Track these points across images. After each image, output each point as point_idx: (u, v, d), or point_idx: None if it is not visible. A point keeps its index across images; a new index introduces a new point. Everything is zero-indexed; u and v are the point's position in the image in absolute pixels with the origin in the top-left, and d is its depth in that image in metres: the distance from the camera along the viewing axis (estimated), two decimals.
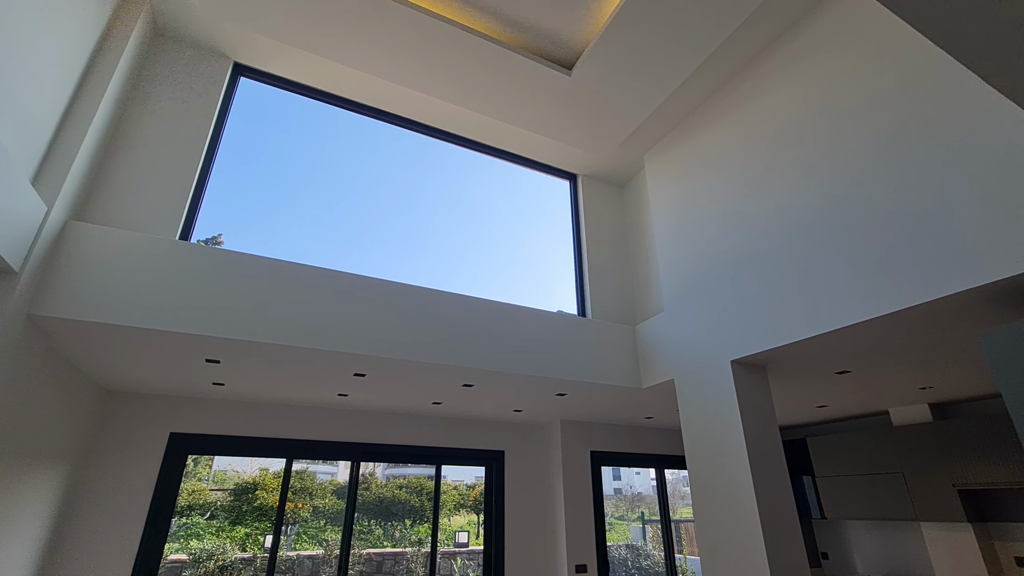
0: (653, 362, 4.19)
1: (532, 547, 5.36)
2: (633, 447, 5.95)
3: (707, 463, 3.46)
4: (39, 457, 3.18)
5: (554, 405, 4.85)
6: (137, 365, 3.48)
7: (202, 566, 6.80)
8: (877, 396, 4.61)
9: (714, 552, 3.30)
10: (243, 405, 4.59)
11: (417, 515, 10.14)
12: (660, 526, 6.00)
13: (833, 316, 2.86)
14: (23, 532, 3.17)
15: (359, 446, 4.94)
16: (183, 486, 10.79)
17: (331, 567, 7.44)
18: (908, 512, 4.77)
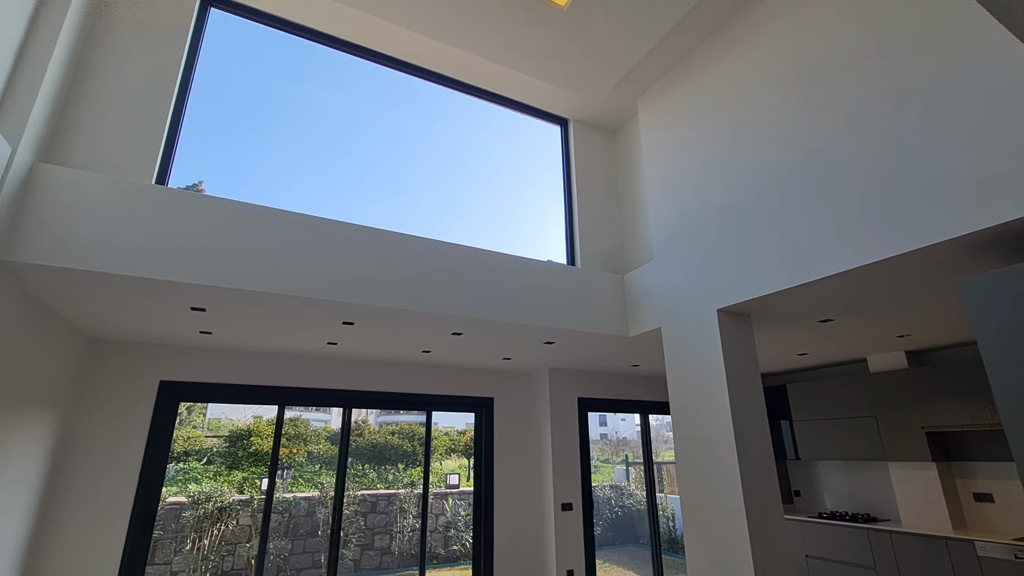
0: (641, 311, 4.23)
1: (520, 488, 5.59)
2: (619, 394, 6.12)
3: (690, 408, 3.57)
4: (25, 402, 3.18)
5: (542, 353, 4.92)
6: (120, 313, 3.43)
7: (201, 507, 7.03)
8: (856, 344, 4.73)
9: (694, 491, 3.46)
10: (233, 353, 4.60)
11: (409, 459, 10.50)
12: (643, 468, 6.26)
13: (818, 265, 2.88)
14: (20, 476, 3.21)
15: (350, 393, 5.01)
16: (178, 433, 11.06)
17: (327, 507, 7.75)
18: (877, 453, 5.02)
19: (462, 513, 8.41)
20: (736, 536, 3.10)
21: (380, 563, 7.80)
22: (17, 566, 3.36)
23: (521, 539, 5.41)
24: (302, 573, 7.28)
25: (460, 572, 7.45)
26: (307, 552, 7.45)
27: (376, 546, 7.87)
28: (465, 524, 8.26)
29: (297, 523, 7.54)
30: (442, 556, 8.04)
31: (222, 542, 7.04)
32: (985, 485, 4.59)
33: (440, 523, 8.31)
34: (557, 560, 5.10)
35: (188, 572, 6.76)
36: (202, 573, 6.79)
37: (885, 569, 4.65)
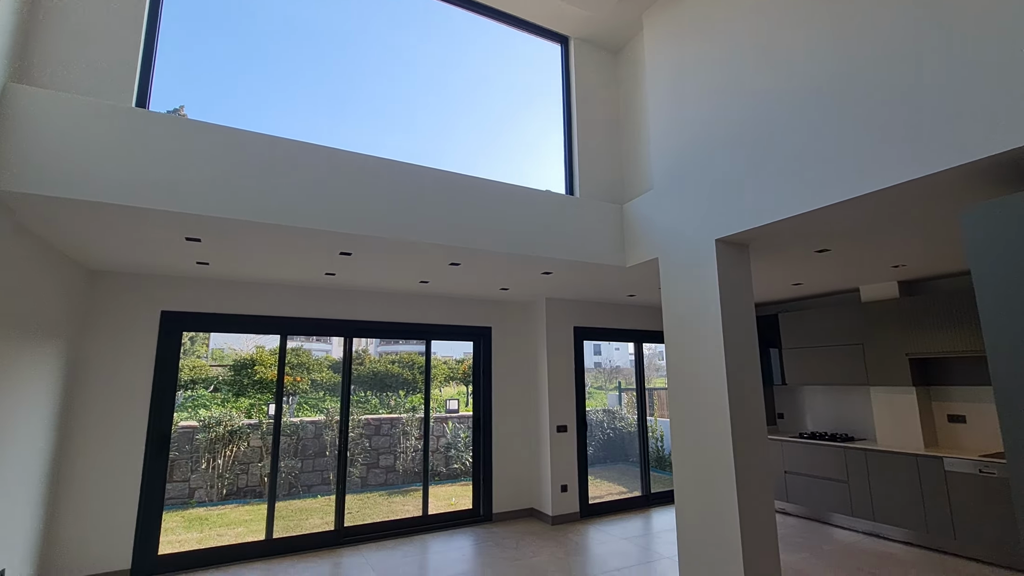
0: (639, 241, 4.21)
1: (517, 412, 5.84)
2: (614, 323, 6.24)
3: (684, 337, 3.66)
4: (31, 332, 3.22)
5: (540, 283, 4.96)
6: (115, 244, 3.39)
7: (212, 431, 7.37)
8: (851, 274, 4.77)
9: (683, 414, 3.62)
10: (234, 284, 4.61)
11: (410, 386, 10.89)
12: (635, 393, 6.52)
13: (820, 194, 2.84)
14: (37, 399, 3.32)
15: (351, 323, 5.09)
16: (184, 362, 11.35)
17: (332, 430, 8.13)
18: (861, 378, 5.22)
19: (461, 435, 8.85)
20: (721, 454, 3.29)
21: (385, 480, 8.31)
22: (45, 483, 3.56)
23: (518, 458, 5.74)
24: (312, 489, 7.77)
25: (461, 488, 7.96)
26: (316, 470, 7.90)
27: (381, 465, 8.35)
28: (464, 445, 8.72)
29: (305, 444, 7.94)
30: (444, 474, 8.56)
31: (235, 462, 7.44)
32: (959, 408, 4.83)
33: (441, 444, 8.77)
34: (552, 476, 5.44)
35: (206, 488, 7.20)
36: (219, 489, 7.23)
37: (857, 483, 4.99)
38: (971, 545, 4.22)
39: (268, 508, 4.60)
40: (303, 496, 7.54)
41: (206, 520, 6.29)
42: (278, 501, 7.11)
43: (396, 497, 7.54)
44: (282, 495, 7.42)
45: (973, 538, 4.20)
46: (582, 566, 4.21)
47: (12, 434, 3.09)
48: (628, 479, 8.11)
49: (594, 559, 4.37)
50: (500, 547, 4.69)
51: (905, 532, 4.65)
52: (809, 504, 5.41)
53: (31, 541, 3.46)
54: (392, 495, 7.69)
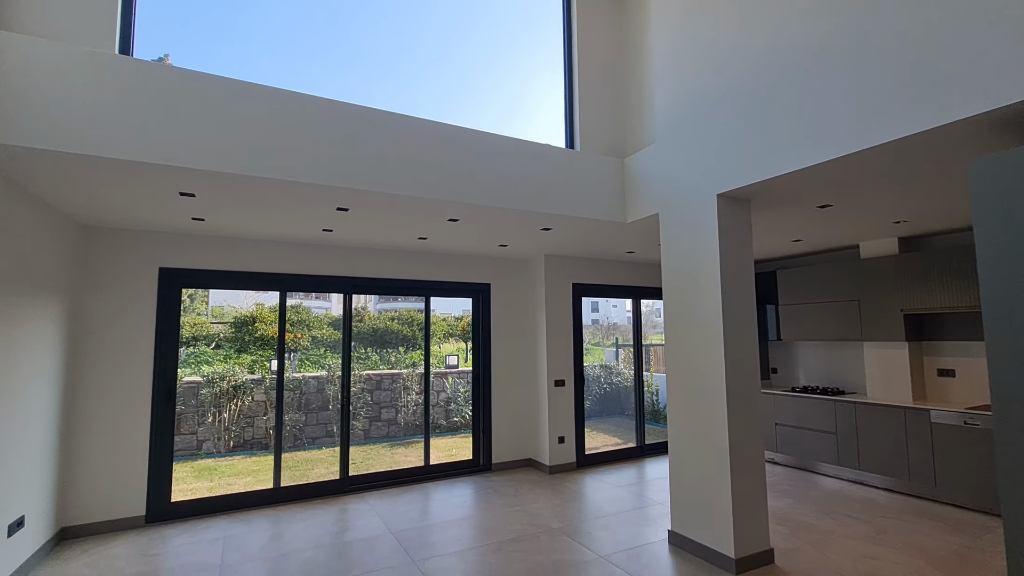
0: (639, 196, 4.16)
1: (516, 367, 5.94)
2: (613, 279, 6.26)
3: (683, 293, 3.67)
4: (27, 287, 3.22)
5: (539, 240, 4.93)
6: (106, 198, 3.34)
7: (216, 385, 7.51)
8: (851, 230, 4.75)
9: (680, 367, 3.68)
10: (232, 240, 4.58)
11: (409, 343, 11.04)
12: (632, 349, 6.62)
13: (824, 148, 2.78)
14: (40, 356, 3.36)
15: (350, 280, 5.09)
16: (184, 319, 11.44)
17: (334, 385, 8.29)
18: (855, 334, 5.29)
19: (461, 390, 9.04)
20: (715, 407, 3.38)
21: (387, 432, 8.55)
22: (57, 435, 3.66)
23: (517, 411, 5.89)
24: (317, 441, 8.00)
25: (461, 440, 8.20)
26: (320, 423, 8.11)
27: (383, 418, 8.57)
28: (464, 399, 8.93)
29: (308, 399, 8.12)
30: (444, 426, 8.80)
31: (240, 415, 7.62)
32: (949, 362, 4.93)
33: (441, 398, 8.97)
34: (550, 428, 5.60)
35: (213, 440, 7.41)
36: (226, 442, 7.44)
37: (845, 434, 5.16)
38: (951, 492, 4.41)
39: (275, 459, 4.75)
40: (308, 448, 7.78)
41: (215, 470, 6.51)
42: (284, 452, 7.33)
43: (398, 449, 7.79)
44: (288, 447, 7.65)
45: (953, 485, 4.38)
46: (578, 512, 4.40)
47: (21, 387, 3.14)
48: (623, 431, 8.36)
49: (590, 505, 4.56)
50: (499, 494, 4.88)
51: (888, 480, 4.84)
52: (797, 454, 5.61)
53: (48, 489, 3.58)
54: (394, 447, 7.94)
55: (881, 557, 3.44)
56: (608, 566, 3.35)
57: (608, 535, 3.87)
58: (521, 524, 4.10)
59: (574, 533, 3.91)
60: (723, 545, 3.28)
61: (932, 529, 3.91)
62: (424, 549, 3.64)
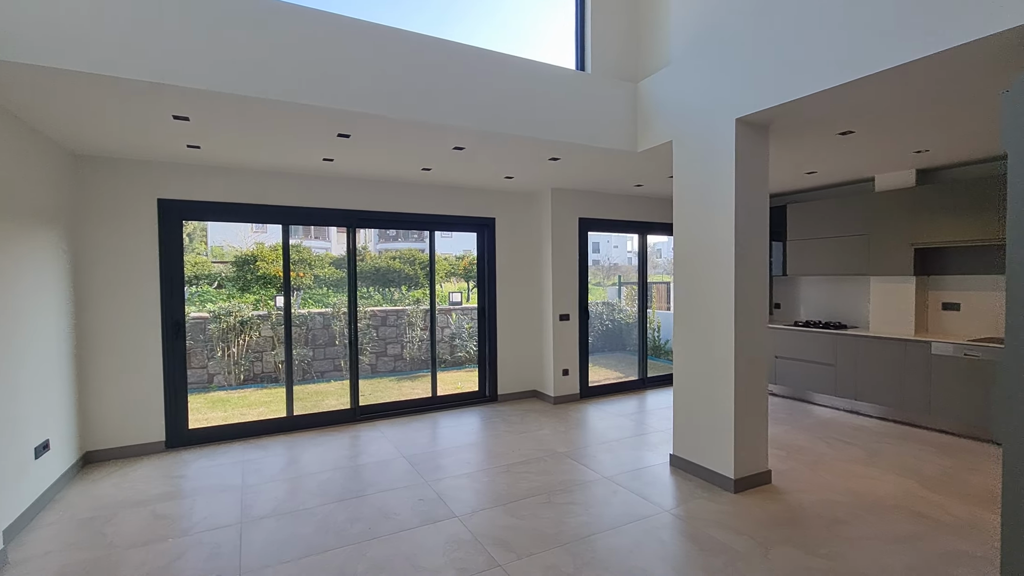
0: (652, 122, 3.99)
1: (520, 302, 5.97)
2: (620, 214, 6.15)
3: (694, 224, 3.60)
4: (21, 219, 3.15)
5: (546, 171, 4.79)
6: (96, 122, 3.19)
7: (223, 321, 7.58)
8: (870, 161, 4.60)
9: (688, 299, 3.68)
10: (232, 171, 4.44)
11: (411, 282, 11.08)
12: (637, 286, 6.62)
13: (851, 66, 2.62)
14: (45, 288, 3.34)
15: (353, 213, 5.00)
16: (186, 258, 11.39)
17: (340, 322, 8.38)
18: (862, 268, 5.27)
19: (465, 325, 9.15)
20: (722, 340, 3.40)
21: (394, 367, 8.74)
22: (71, 366, 3.72)
23: (521, 344, 5.97)
24: (326, 375, 8.20)
25: (466, 373, 8.40)
26: (328, 358, 8.27)
27: (389, 353, 8.74)
28: (469, 335, 9.06)
29: (315, 335, 8.23)
30: (449, 361, 8.99)
31: (248, 350, 7.76)
32: (954, 296, 4.93)
33: (446, 334, 9.10)
34: (554, 361, 5.70)
35: (224, 374, 7.58)
36: (236, 375, 7.62)
37: (844, 367, 5.26)
38: (944, 420, 4.55)
39: (287, 389, 4.87)
40: (317, 381, 7.98)
41: (228, 401, 6.71)
42: (295, 385, 7.55)
43: (405, 382, 7.99)
44: (297, 380, 7.84)
45: (946, 413, 4.51)
46: (582, 437, 4.56)
47: (30, 319, 3.15)
48: (625, 366, 8.54)
49: (593, 432, 4.73)
50: (506, 423, 5.04)
51: (882, 408, 4.99)
52: (794, 385, 5.75)
53: (69, 416, 3.69)
54: (401, 380, 8.14)
55: (872, 477, 3.60)
56: (612, 485, 3.51)
57: (611, 458, 4.03)
58: (528, 449, 4.26)
59: (579, 456, 4.07)
60: (723, 467, 3.41)
61: (923, 452, 4.07)
62: (436, 471, 3.80)
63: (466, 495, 3.38)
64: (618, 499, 3.30)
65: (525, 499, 3.30)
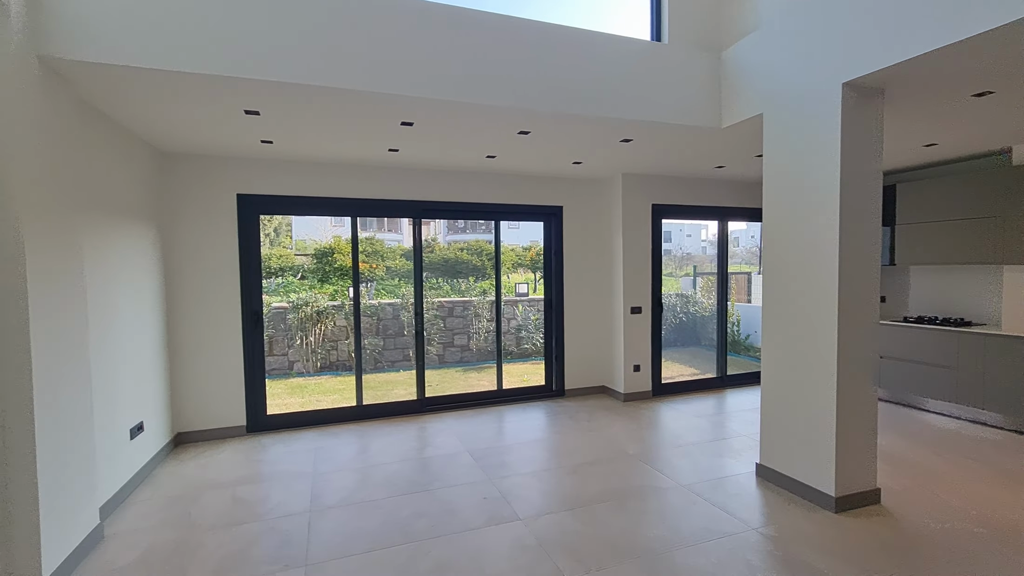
0: (739, 94, 3.58)
1: (589, 293, 5.71)
2: (696, 199, 5.71)
3: (789, 207, 3.19)
4: (120, 213, 3.35)
5: (617, 155, 4.49)
6: (177, 120, 3.32)
7: (301, 311, 7.94)
8: (1010, 128, 3.88)
9: (780, 292, 3.28)
10: (303, 165, 4.55)
11: (478, 273, 11.11)
12: (716, 276, 6.13)
13: (994, 9, 2.13)
14: (140, 279, 3.56)
15: (419, 203, 4.97)
16: (273, 251, 12.13)
17: (409, 312, 8.53)
18: (993, 256, 4.51)
19: (532, 317, 9.01)
20: (823, 337, 2.99)
21: (460, 358, 8.79)
22: (163, 353, 3.96)
23: (590, 338, 5.73)
24: (395, 364, 8.38)
25: (532, 366, 8.27)
26: (397, 348, 8.46)
27: (456, 344, 8.79)
28: (535, 326, 8.91)
29: (385, 324, 8.43)
30: (515, 353, 8.90)
31: (324, 339, 8.09)
32: None
33: (512, 326, 9.01)
34: (625, 356, 5.41)
35: (302, 361, 7.95)
36: (313, 363, 7.97)
37: (967, 369, 4.54)
38: None
39: (356, 379, 4.96)
40: (387, 370, 8.18)
41: (305, 388, 7.02)
42: (365, 374, 7.77)
43: (471, 373, 7.99)
44: (368, 369, 8.08)
45: None
46: (655, 439, 4.26)
47: (127, 308, 3.36)
48: (700, 362, 8.03)
49: (668, 433, 4.41)
50: (573, 419, 4.84)
51: (1015, 420, 4.25)
52: (901, 388, 5.07)
53: (162, 400, 3.94)
54: (467, 371, 8.15)
55: (1006, 502, 3.04)
56: (689, 495, 3.22)
57: (689, 463, 3.72)
58: (596, 448, 4.04)
59: (652, 460, 3.79)
60: (822, 482, 3.01)
61: None
62: (501, 468, 3.69)
63: (532, 495, 3.23)
64: (697, 511, 3.01)
65: (594, 504, 3.09)
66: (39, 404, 2.27)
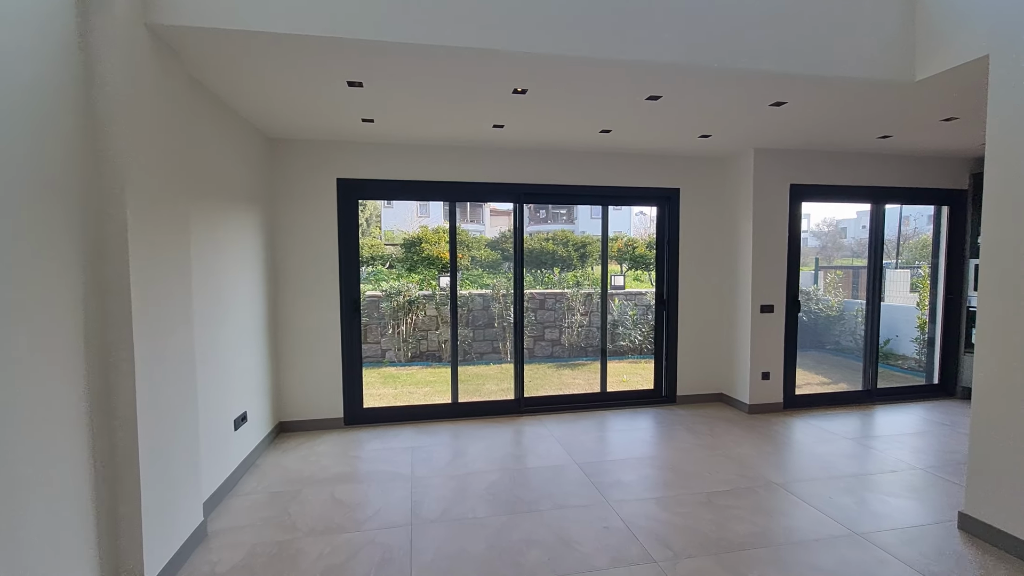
0: (947, 35, 2.76)
1: (707, 288, 5.02)
2: (843, 178, 4.79)
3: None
4: (231, 196, 3.24)
5: (756, 123, 3.78)
6: (283, 96, 3.14)
7: (393, 300, 7.91)
8: None
9: (1005, 291, 2.48)
10: (401, 149, 4.31)
11: (564, 263, 10.64)
12: (868, 271, 5.16)
13: None
14: (249, 265, 3.47)
15: (520, 187, 4.56)
16: (363, 241, 12.51)
17: (499, 303, 8.24)
18: None
19: (629, 312, 8.37)
20: None
21: (551, 352, 8.37)
22: (267, 342, 3.90)
23: (708, 338, 5.04)
24: (484, 356, 8.14)
25: (630, 365, 7.66)
26: (487, 340, 8.20)
27: (547, 338, 8.37)
28: (632, 322, 8.26)
29: (475, 316, 8.21)
30: (611, 350, 8.31)
31: (416, 328, 8.01)
32: None
33: (607, 321, 8.44)
34: (752, 361, 4.68)
35: (395, 350, 7.94)
36: (405, 352, 7.92)
37: None
38: None
39: (452, 374, 4.70)
40: (476, 363, 7.95)
41: (397, 378, 6.95)
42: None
43: (565, 370, 7.54)
44: (459, 360, 7.91)
45: None
46: (800, 465, 3.56)
47: (232, 296, 3.27)
48: (827, 369, 6.99)
49: (813, 458, 3.68)
50: (691, 432, 4.23)
51: None
52: None
53: (265, 389, 3.88)
54: (560, 367, 7.71)
55: None
56: (870, 547, 2.53)
57: (855, 503, 3.00)
58: (728, 472, 3.43)
59: (803, 492, 3.12)
60: None
61: None
62: (616, 488, 3.20)
63: (661, 530, 2.71)
64: (891, 575, 2.34)
65: (745, 551, 2.52)
66: (141, 400, 2.12)
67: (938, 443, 3.96)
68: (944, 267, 5.14)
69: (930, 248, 9.32)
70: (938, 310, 5.24)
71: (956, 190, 5.03)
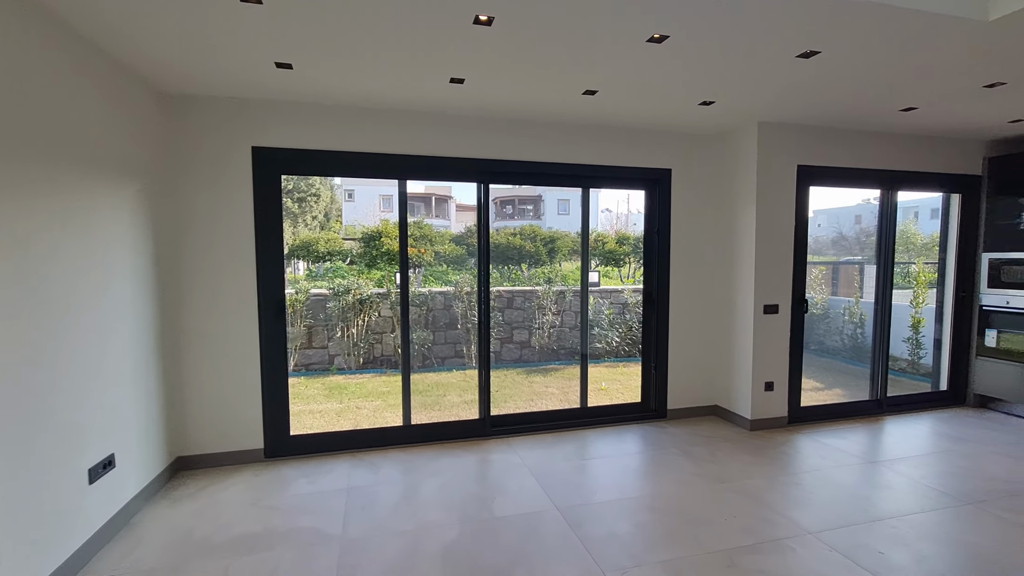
0: None
1: (702, 286, 4.36)
2: (854, 160, 4.21)
3: None
4: (100, 169, 2.31)
5: (769, 86, 3.11)
6: (150, 21, 2.24)
7: (342, 299, 6.98)
8: None
9: None
10: (336, 111, 3.44)
11: (532, 259, 9.95)
12: (877, 265, 4.61)
13: None
14: (122, 256, 2.55)
15: (486, 163, 3.77)
16: (320, 235, 11.49)
17: (462, 302, 7.43)
18: None
19: (605, 312, 7.71)
20: None
21: (520, 356, 7.63)
22: (156, 353, 2.97)
23: (703, 343, 4.39)
24: (446, 361, 7.32)
25: (607, 369, 7.00)
26: (448, 343, 7.39)
27: (515, 340, 7.62)
28: (609, 323, 7.61)
29: (436, 316, 7.37)
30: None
31: (368, 331, 7.11)
32: None
33: (579, 321, 7.75)
34: (753, 370, 4.05)
35: (344, 356, 7.02)
36: (355, 358, 7.01)
37: None
38: None
39: (403, 387, 3.87)
40: (437, 369, 7.12)
41: (345, 389, 6.04)
42: (413, 373, 6.73)
43: (536, 376, 6.79)
44: (416, 367, 7.05)
45: None
46: (826, 501, 2.92)
47: (95, 300, 2.34)
48: (825, 375, 6.50)
49: (839, 490, 3.05)
50: (689, 457, 3.56)
51: None
52: None
53: (150, 417, 2.96)
54: (530, 373, 6.96)
55: None
56: None
57: (911, 558, 2.36)
58: (744, 515, 2.75)
59: (848, 548, 2.46)
60: None
61: None
62: (610, 544, 2.47)
63: None
64: None
65: None
66: None
67: (970, 465, 3.42)
68: (955, 262, 4.65)
69: (916, 243, 9.05)
70: (946, 309, 4.76)
71: (970, 175, 4.55)
